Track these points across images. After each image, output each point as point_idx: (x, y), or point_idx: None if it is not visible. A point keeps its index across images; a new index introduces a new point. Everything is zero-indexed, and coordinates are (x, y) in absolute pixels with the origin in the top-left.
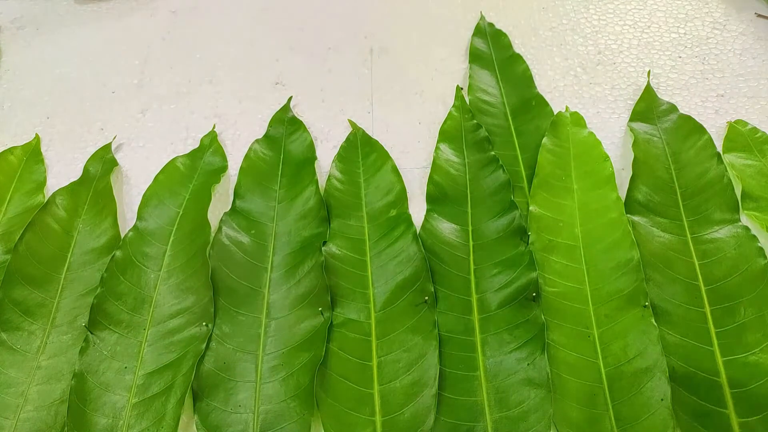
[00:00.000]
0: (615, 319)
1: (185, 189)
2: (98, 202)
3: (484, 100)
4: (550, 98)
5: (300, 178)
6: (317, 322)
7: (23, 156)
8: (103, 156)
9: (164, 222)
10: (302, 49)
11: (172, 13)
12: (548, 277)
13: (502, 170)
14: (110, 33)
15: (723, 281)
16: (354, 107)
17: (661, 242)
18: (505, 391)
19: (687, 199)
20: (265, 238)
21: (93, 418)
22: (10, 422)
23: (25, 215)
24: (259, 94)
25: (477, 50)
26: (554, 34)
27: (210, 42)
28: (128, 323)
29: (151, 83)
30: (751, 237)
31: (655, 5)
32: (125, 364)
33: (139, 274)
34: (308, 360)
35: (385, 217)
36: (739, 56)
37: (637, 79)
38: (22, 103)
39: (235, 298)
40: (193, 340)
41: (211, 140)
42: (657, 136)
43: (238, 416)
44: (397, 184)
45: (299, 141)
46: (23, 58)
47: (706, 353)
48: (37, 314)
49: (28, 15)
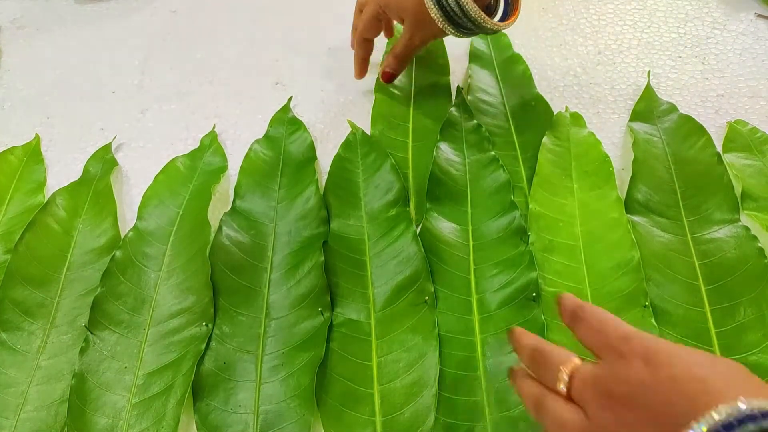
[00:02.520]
0: None
1: (185, 189)
2: (98, 202)
3: (484, 100)
4: (549, 98)
5: (300, 178)
6: (317, 322)
7: (23, 156)
8: (103, 156)
9: (164, 222)
10: (302, 50)
11: (172, 13)
12: (548, 277)
13: (503, 170)
14: (110, 33)
15: (723, 281)
16: (354, 107)
17: (661, 242)
18: (505, 391)
19: (687, 199)
20: (265, 238)
21: (93, 418)
22: (9, 422)
23: (25, 215)
24: (259, 95)
25: (477, 50)
26: (554, 35)
27: (210, 42)
28: (128, 323)
29: (151, 83)
30: (751, 237)
31: (655, 5)
32: (125, 364)
33: (139, 274)
34: (308, 360)
35: (384, 216)
36: (739, 56)
37: (637, 79)
38: (22, 103)
39: (235, 298)
40: (193, 340)
41: (211, 140)
42: (657, 136)
43: (238, 416)
44: (396, 183)
45: (299, 141)
46: (23, 58)
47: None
48: (37, 314)
49: (28, 15)
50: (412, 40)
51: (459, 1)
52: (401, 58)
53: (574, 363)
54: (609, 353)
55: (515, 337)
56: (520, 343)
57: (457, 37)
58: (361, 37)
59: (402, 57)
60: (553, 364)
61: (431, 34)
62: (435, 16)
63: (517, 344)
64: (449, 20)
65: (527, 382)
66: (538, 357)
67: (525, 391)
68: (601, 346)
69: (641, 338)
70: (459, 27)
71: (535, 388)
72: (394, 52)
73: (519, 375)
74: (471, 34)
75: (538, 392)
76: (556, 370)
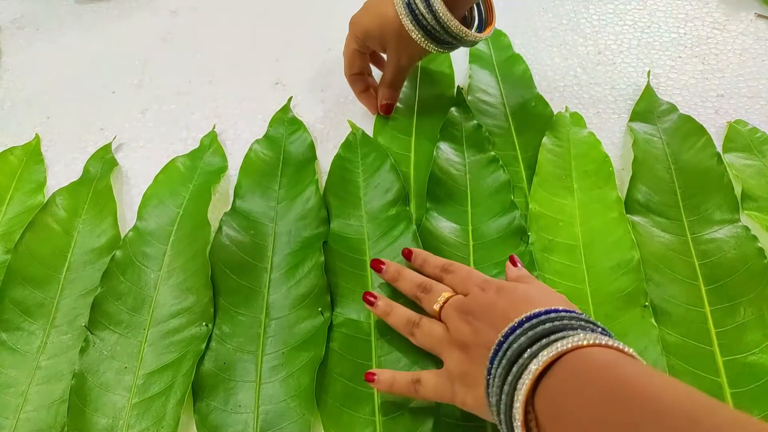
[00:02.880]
0: (615, 319)
1: (185, 189)
2: (98, 202)
3: (484, 100)
4: (549, 98)
5: (300, 179)
6: (317, 322)
7: (23, 156)
8: (103, 156)
9: (164, 222)
10: (302, 50)
11: (172, 13)
12: (548, 277)
13: (503, 170)
14: (110, 33)
15: (723, 281)
16: (354, 107)
17: (661, 242)
18: None
19: (687, 199)
20: (265, 238)
21: (93, 418)
22: (10, 422)
23: (25, 215)
24: (259, 95)
25: (477, 50)
26: (554, 35)
27: (210, 42)
28: (128, 323)
29: (152, 83)
30: (751, 237)
31: (655, 5)
32: (125, 364)
33: (139, 274)
34: (308, 360)
35: (384, 216)
36: (739, 56)
37: (637, 79)
38: (22, 103)
39: (235, 298)
40: (193, 340)
41: (211, 140)
42: (657, 136)
43: (238, 416)
44: (396, 183)
45: (299, 141)
46: (23, 58)
47: (706, 353)
48: (37, 314)
49: (28, 15)
50: (400, 62)
51: (438, 19)
52: (394, 85)
53: (450, 293)
54: (473, 289)
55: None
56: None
57: (439, 53)
58: (350, 74)
59: (394, 83)
60: (436, 292)
61: (417, 54)
62: (416, 37)
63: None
64: (431, 38)
65: (401, 309)
66: (427, 286)
67: (401, 317)
68: (468, 286)
69: (499, 280)
70: (441, 43)
71: (413, 315)
72: (385, 82)
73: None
74: (452, 48)
75: (415, 317)
76: (437, 295)
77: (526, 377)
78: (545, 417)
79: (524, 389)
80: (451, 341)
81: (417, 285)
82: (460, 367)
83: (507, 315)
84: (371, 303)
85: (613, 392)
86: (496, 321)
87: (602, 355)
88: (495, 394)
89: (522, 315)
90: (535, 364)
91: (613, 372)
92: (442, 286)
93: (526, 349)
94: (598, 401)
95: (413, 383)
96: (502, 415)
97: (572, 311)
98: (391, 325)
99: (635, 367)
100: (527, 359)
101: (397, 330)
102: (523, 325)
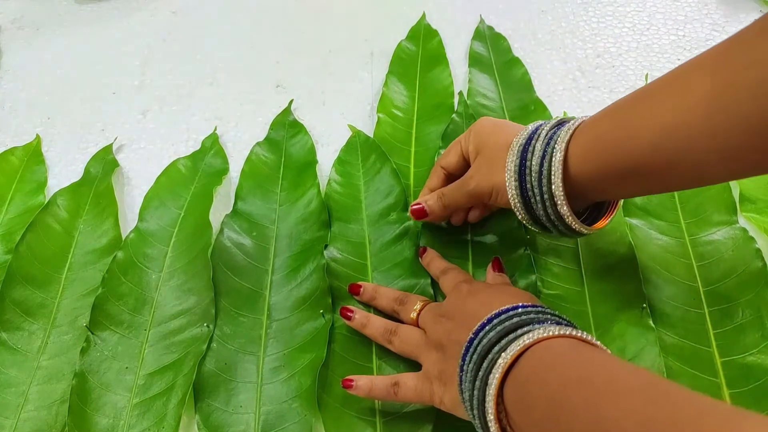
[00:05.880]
0: (613, 321)
1: (186, 191)
2: (99, 203)
3: (483, 104)
4: (548, 102)
5: (301, 181)
6: (318, 324)
7: (24, 156)
8: (104, 157)
9: (166, 223)
10: (303, 52)
11: (173, 13)
12: (547, 280)
13: None
14: (110, 33)
15: (721, 283)
16: (354, 110)
17: (659, 245)
18: None
19: (685, 202)
20: (266, 240)
21: (94, 418)
22: (10, 422)
23: (26, 215)
24: (259, 97)
25: (476, 54)
26: (553, 38)
27: (211, 43)
28: (129, 324)
29: (152, 84)
30: (748, 239)
31: (654, 7)
32: (126, 364)
33: (140, 274)
34: (310, 361)
35: (385, 219)
36: None
37: (636, 82)
38: (22, 104)
39: (237, 299)
40: (195, 340)
41: (212, 142)
42: None
43: (239, 417)
44: (396, 186)
45: (300, 144)
46: (23, 58)
47: (705, 354)
48: (37, 314)
49: (28, 15)
50: (467, 182)
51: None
52: (444, 201)
53: (425, 301)
54: (449, 293)
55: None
56: (385, 294)
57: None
58: (438, 164)
59: (449, 204)
60: (412, 302)
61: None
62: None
63: (388, 293)
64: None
65: (378, 320)
66: (403, 299)
67: (378, 327)
68: (446, 291)
69: (471, 284)
70: (544, 229)
71: (390, 324)
72: (444, 192)
73: (370, 318)
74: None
75: (391, 325)
76: (413, 305)
77: (496, 371)
78: (513, 408)
79: (495, 383)
80: (428, 343)
81: (394, 299)
82: (437, 366)
83: (477, 313)
84: (348, 317)
85: (570, 376)
86: (468, 320)
87: (564, 345)
88: (468, 389)
89: (491, 312)
90: (503, 358)
91: (572, 359)
92: (416, 296)
93: (495, 344)
94: (556, 386)
95: (392, 386)
96: (475, 411)
97: (538, 306)
98: (369, 336)
99: (594, 353)
100: (496, 353)
101: (375, 340)
102: (492, 321)
